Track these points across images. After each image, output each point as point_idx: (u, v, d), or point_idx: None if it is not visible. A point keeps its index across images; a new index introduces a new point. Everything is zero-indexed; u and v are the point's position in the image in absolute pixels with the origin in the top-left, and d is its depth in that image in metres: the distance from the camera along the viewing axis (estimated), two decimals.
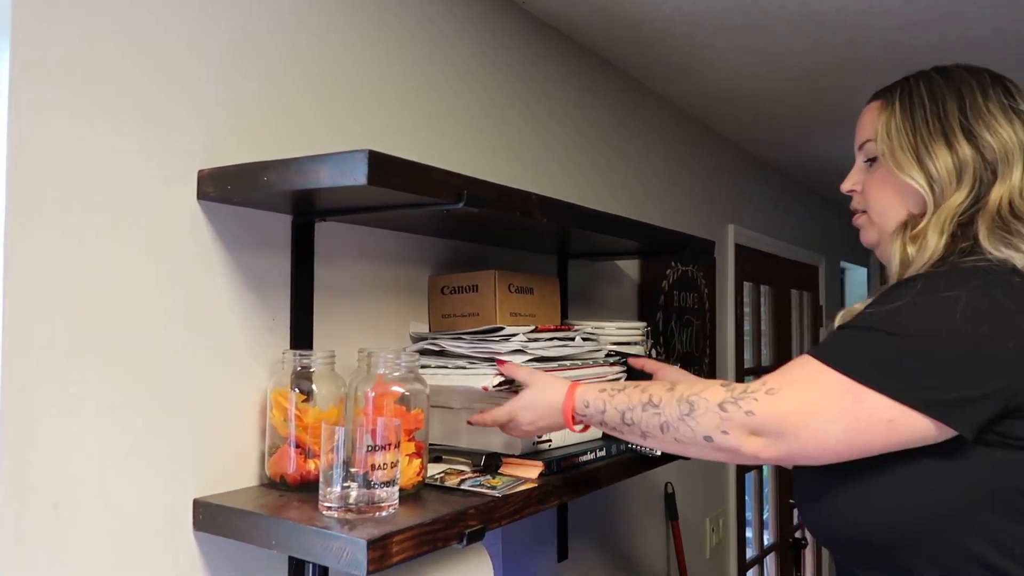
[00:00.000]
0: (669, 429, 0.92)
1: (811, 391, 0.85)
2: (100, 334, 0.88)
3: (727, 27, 1.73)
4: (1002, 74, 1.01)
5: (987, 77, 0.99)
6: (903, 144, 0.97)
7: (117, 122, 0.91)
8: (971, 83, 0.98)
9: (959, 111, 0.96)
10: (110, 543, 0.89)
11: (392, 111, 1.29)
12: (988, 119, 0.95)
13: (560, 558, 1.69)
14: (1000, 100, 0.96)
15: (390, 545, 0.83)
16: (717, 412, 0.89)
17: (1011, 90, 0.98)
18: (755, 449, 0.87)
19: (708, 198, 2.53)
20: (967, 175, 0.93)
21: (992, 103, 0.96)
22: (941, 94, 0.98)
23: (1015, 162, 0.93)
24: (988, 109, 0.95)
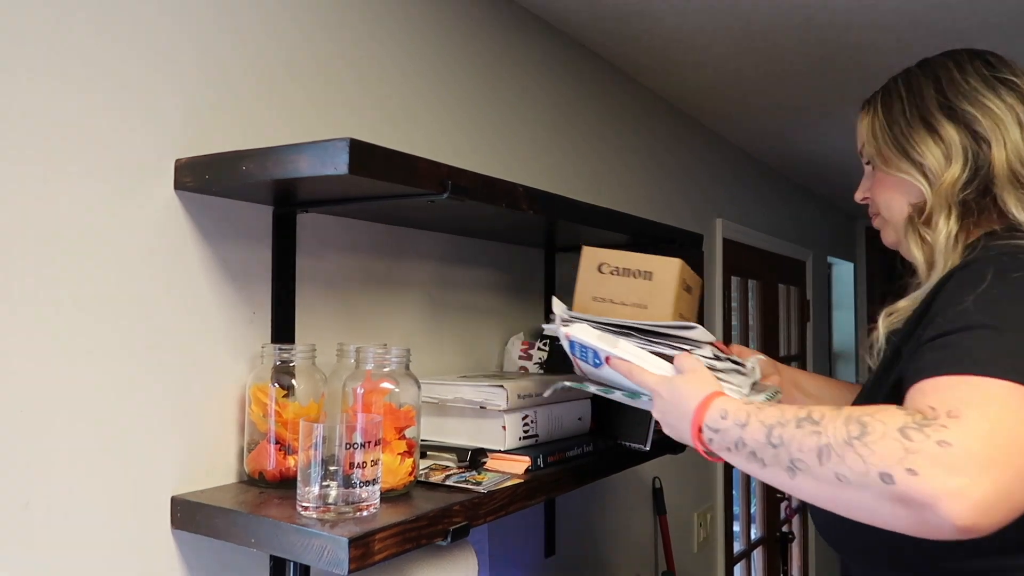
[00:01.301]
0: (830, 457, 0.69)
1: (991, 406, 0.67)
2: (72, 329, 0.86)
3: (714, 20, 1.72)
4: (984, 49, 0.99)
5: (965, 54, 0.97)
6: (886, 140, 0.97)
7: (91, 106, 0.88)
8: (947, 64, 0.97)
9: (936, 93, 0.95)
10: (84, 543, 0.87)
11: (381, 102, 1.27)
12: (969, 92, 0.93)
13: (547, 554, 1.68)
14: (980, 72, 0.94)
15: (372, 543, 0.82)
16: (899, 440, 0.66)
17: (991, 61, 0.96)
18: (959, 492, 0.63)
19: (696, 192, 2.52)
20: (955, 152, 0.90)
21: (971, 76, 0.94)
22: (917, 83, 0.98)
23: (1009, 124, 0.90)
24: (968, 83, 0.94)
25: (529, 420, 1.19)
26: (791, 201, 3.57)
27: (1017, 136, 0.90)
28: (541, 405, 1.22)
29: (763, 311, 3.28)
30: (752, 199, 3.06)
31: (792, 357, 3.61)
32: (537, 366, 1.48)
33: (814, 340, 3.85)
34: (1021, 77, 0.94)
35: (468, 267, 1.46)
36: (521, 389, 1.17)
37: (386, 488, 0.93)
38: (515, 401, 1.15)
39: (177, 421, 0.96)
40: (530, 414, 1.19)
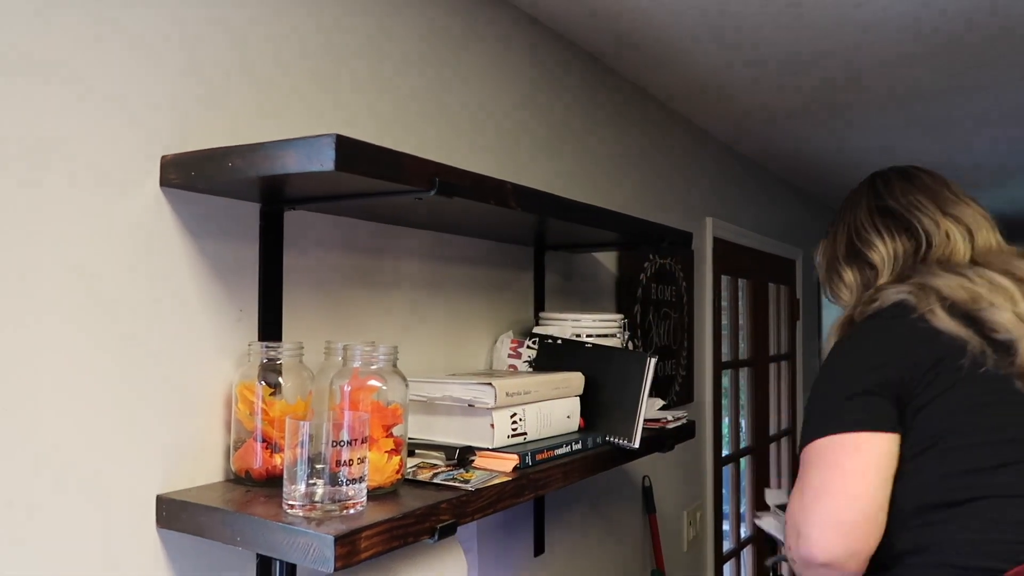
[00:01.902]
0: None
1: (811, 470, 1.12)
2: (57, 326, 0.85)
3: (704, 19, 1.72)
4: (883, 172, 1.36)
5: (867, 186, 1.37)
6: (824, 279, 1.43)
7: (74, 102, 0.87)
8: (856, 201, 1.36)
9: (846, 236, 1.36)
10: (69, 541, 0.86)
11: (371, 100, 1.26)
12: (862, 234, 1.31)
13: (536, 552, 1.68)
14: (869, 206, 1.32)
15: (358, 541, 0.81)
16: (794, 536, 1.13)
17: (878, 187, 1.33)
18: (803, 548, 1.09)
19: (686, 191, 2.53)
20: (859, 289, 1.34)
21: (863, 213, 1.33)
22: (837, 224, 1.39)
23: (884, 266, 1.29)
24: (862, 223, 1.32)
25: (518, 418, 1.19)
26: (781, 200, 3.58)
27: (888, 270, 1.30)
28: (530, 403, 1.21)
29: (753, 310, 3.29)
30: (742, 198, 3.06)
31: (782, 356, 3.62)
32: (526, 364, 1.48)
33: (804, 339, 3.86)
34: (896, 199, 1.30)
35: (458, 265, 1.46)
36: (509, 387, 1.17)
37: (373, 486, 0.92)
38: (503, 399, 1.15)
39: (163, 420, 0.95)
40: (518, 412, 1.19)
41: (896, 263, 1.26)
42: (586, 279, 1.91)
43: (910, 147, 2.91)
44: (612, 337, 1.54)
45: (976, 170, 3.31)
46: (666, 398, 2.26)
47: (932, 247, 1.24)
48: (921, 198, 1.27)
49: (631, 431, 1.31)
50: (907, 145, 2.88)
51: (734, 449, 3.15)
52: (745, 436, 3.32)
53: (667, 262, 2.29)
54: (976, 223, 1.25)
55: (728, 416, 3.11)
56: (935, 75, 2.10)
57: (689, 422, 1.63)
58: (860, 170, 3.41)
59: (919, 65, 2.02)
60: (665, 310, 2.27)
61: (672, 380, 2.32)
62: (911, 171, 1.33)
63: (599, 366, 1.38)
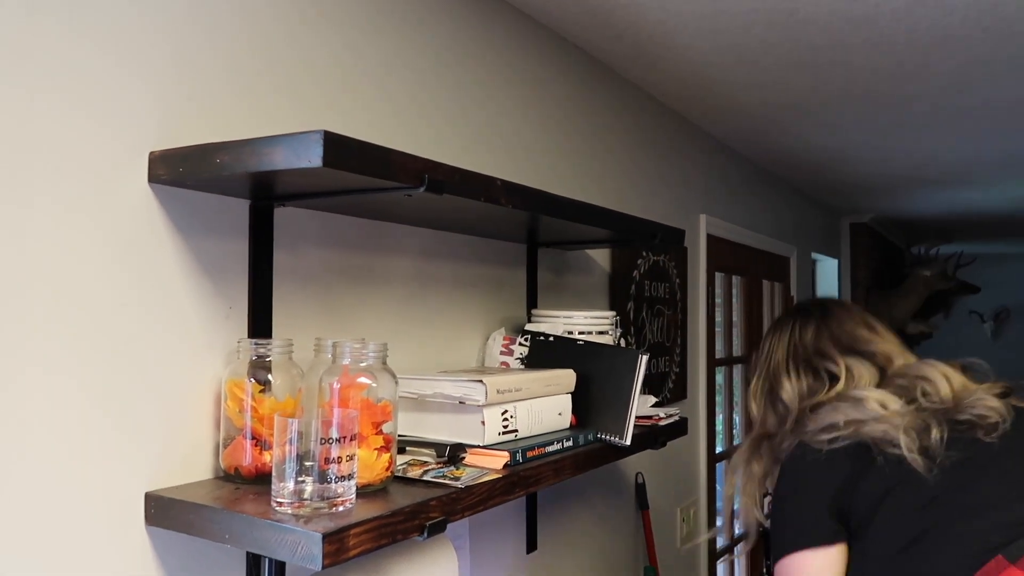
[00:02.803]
0: None
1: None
2: (44, 323, 0.85)
3: (698, 13, 1.72)
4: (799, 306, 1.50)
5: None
6: None
7: (61, 99, 0.87)
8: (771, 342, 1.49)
9: None
10: (56, 538, 0.86)
11: (362, 96, 1.26)
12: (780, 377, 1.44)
13: (529, 549, 1.68)
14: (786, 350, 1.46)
15: (347, 538, 0.81)
16: None
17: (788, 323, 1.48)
18: None
19: (680, 188, 2.52)
20: None
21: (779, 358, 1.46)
22: None
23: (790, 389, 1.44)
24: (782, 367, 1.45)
25: (509, 415, 1.19)
26: (776, 197, 3.58)
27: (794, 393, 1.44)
28: (521, 400, 1.21)
29: (747, 307, 3.29)
30: (737, 195, 3.06)
31: None
32: (519, 361, 1.48)
33: None
34: None
35: (449, 262, 1.45)
36: (500, 384, 1.17)
37: (363, 483, 0.92)
38: (494, 396, 1.15)
39: (152, 417, 0.95)
40: (509, 409, 1.19)
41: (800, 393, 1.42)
42: (579, 276, 1.91)
43: (903, 144, 2.91)
44: (604, 334, 1.54)
45: (970, 167, 3.32)
46: (659, 395, 2.26)
47: None
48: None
49: (623, 428, 1.31)
50: (900, 143, 2.89)
51: (727, 446, 3.15)
52: (738, 433, 3.32)
53: (660, 259, 2.29)
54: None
55: (721, 413, 3.11)
56: (929, 72, 2.10)
57: (681, 419, 1.63)
58: (854, 167, 3.43)
59: (913, 61, 2.02)
60: (658, 307, 2.27)
61: (665, 377, 2.32)
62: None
63: (591, 363, 1.37)
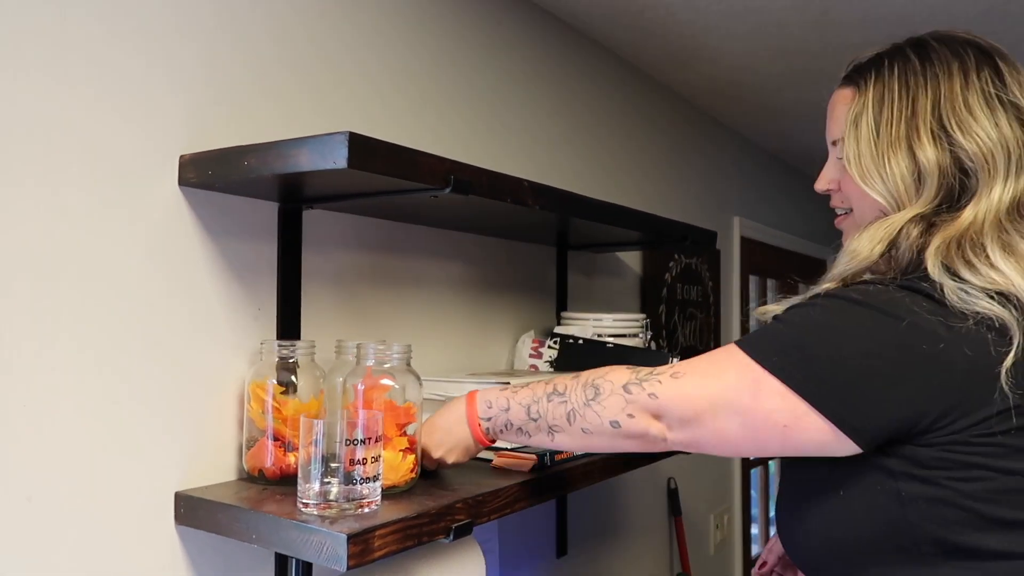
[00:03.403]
0: (576, 418, 0.88)
1: (714, 377, 0.83)
2: (76, 324, 0.86)
3: (729, 13, 1.70)
4: (993, 47, 0.89)
5: (972, 58, 0.87)
6: (865, 152, 0.91)
7: (93, 104, 0.88)
8: (952, 69, 0.87)
9: (932, 107, 0.86)
10: (88, 537, 0.87)
11: (389, 99, 1.26)
12: (965, 117, 0.84)
13: (559, 554, 1.67)
14: (985, 90, 0.85)
15: (372, 539, 0.81)
16: (622, 395, 0.86)
17: (1002, 71, 0.86)
18: (661, 433, 0.85)
19: (713, 190, 2.50)
20: (926, 186, 0.84)
21: (974, 94, 0.85)
22: (914, 86, 0.88)
23: (996, 170, 0.82)
24: (967, 103, 0.85)
25: None
26: (810, 198, 3.52)
27: (999, 190, 0.82)
28: None
29: None
30: (770, 197, 3.02)
31: None
32: (547, 364, 1.47)
33: None
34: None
35: (478, 265, 1.45)
36: None
37: (388, 485, 0.92)
38: None
39: (182, 417, 0.96)
40: None
41: (1017, 183, 0.83)
42: (610, 279, 1.89)
43: None
44: (634, 337, 1.53)
45: None
46: None
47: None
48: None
49: None
50: None
51: None
52: None
53: (693, 262, 2.26)
54: None
55: None
56: None
57: None
58: None
59: None
60: (691, 310, 2.25)
61: None
62: None
63: (608, 360, 1.35)
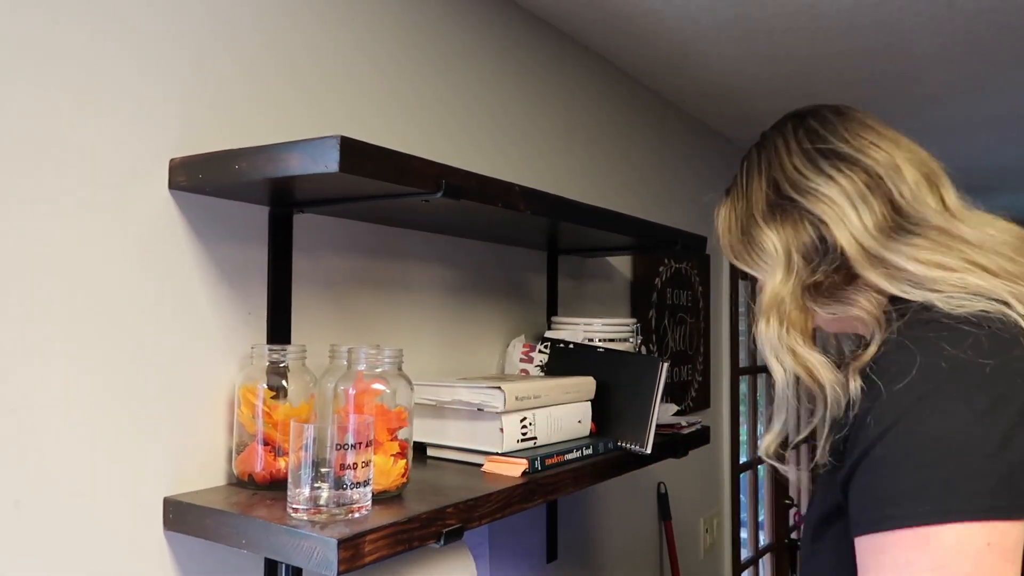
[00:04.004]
0: None
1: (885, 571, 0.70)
2: (65, 328, 0.85)
3: (718, 19, 1.71)
4: (810, 108, 0.98)
5: (790, 126, 0.96)
6: (734, 244, 0.99)
7: (84, 106, 0.88)
8: (776, 144, 0.96)
9: (767, 187, 0.94)
10: (77, 542, 0.86)
11: (380, 100, 1.26)
12: (796, 179, 0.91)
13: (549, 559, 1.67)
14: (803, 148, 0.92)
15: (362, 544, 0.81)
16: None
17: (814, 127, 0.93)
18: None
19: (702, 194, 2.50)
20: (778, 259, 0.89)
21: (795, 156, 0.92)
22: (751, 175, 0.98)
23: (842, 204, 0.86)
24: (793, 167, 0.92)
25: (527, 422, 1.18)
26: None
27: (853, 216, 0.85)
28: (540, 407, 1.21)
29: None
30: None
31: None
32: (539, 368, 1.47)
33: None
34: (846, 140, 0.90)
35: (469, 269, 1.45)
36: (519, 391, 1.16)
37: (379, 490, 0.92)
38: (513, 403, 1.14)
39: (171, 421, 0.95)
40: (528, 416, 1.18)
41: (868, 208, 0.86)
42: (600, 283, 1.90)
43: (927, 151, 2.87)
44: (625, 341, 1.53)
45: (998, 174, 3.26)
46: (682, 404, 2.24)
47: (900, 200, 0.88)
48: (871, 136, 0.93)
49: (644, 437, 1.30)
50: (924, 147, 2.84)
51: (752, 456, 3.11)
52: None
53: (683, 266, 2.27)
54: (936, 171, 0.96)
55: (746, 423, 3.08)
56: (952, 76, 2.07)
57: (703, 428, 1.61)
58: None
59: (936, 67, 1.99)
60: (681, 315, 2.25)
61: (688, 386, 2.30)
62: (843, 107, 0.97)
63: (612, 371, 1.36)
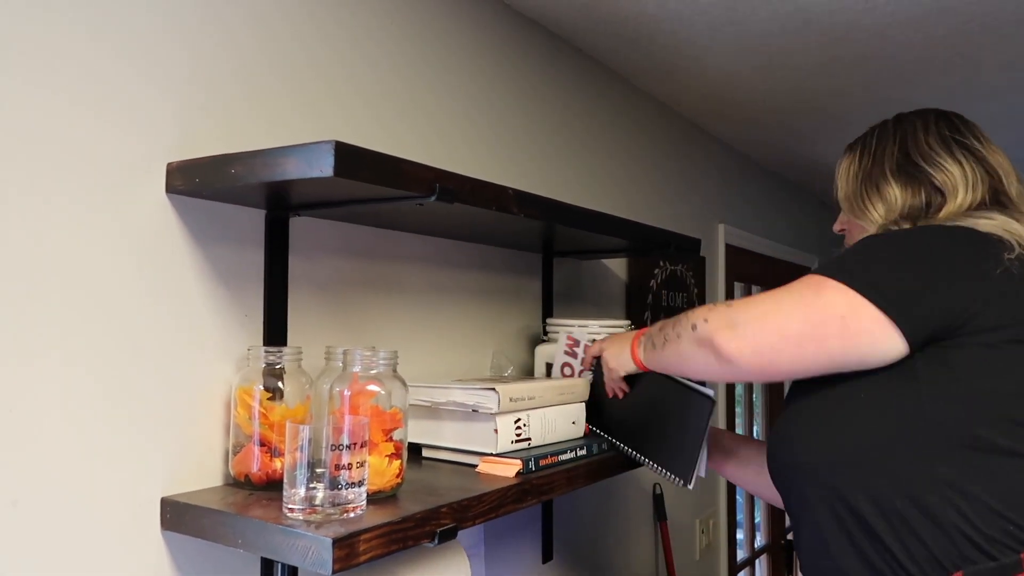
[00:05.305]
0: (677, 326, 1.09)
1: (784, 289, 1.00)
2: (63, 330, 0.86)
3: (712, 24, 1.72)
4: (950, 111, 1.15)
5: (932, 115, 1.14)
6: (851, 193, 1.16)
7: (82, 110, 0.89)
8: (915, 123, 1.13)
9: (898, 151, 1.12)
10: (74, 542, 0.87)
11: (376, 104, 1.27)
12: (928, 153, 1.09)
13: (545, 559, 1.68)
14: (941, 133, 1.10)
15: (357, 544, 0.82)
16: (706, 306, 1.05)
17: (955, 123, 1.11)
18: (726, 338, 0.98)
19: (697, 197, 2.52)
20: (896, 211, 1.09)
21: (932, 137, 1.10)
22: (883, 140, 1.15)
23: (959, 182, 1.05)
24: (928, 144, 1.10)
25: (522, 423, 1.19)
26: (795, 206, 3.56)
27: (963, 194, 1.05)
28: (534, 408, 1.22)
29: None
30: (755, 204, 3.05)
31: None
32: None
33: None
34: (978, 141, 1.10)
35: (464, 271, 1.46)
36: (513, 392, 1.17)
37: (374, 490, 0.93)
38: (507, 404, 1.15)
39: (169, 422, 0.96)
40: (523, 417, 1.19)
41: (975, 193, 1.05)
42: (595, 286, 1.91)
43: None
44: None
45: None
46: None
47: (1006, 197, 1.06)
48: (995, 147, 1.11)
49: (689, 473, 1.24)
50: None
51: None
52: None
53: (678, 269, 2.28)
54: None
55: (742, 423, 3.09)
56: (946, 79, 2.08)
57: None
58: None
59: (927, 71, 2.00)
60: None
61: None
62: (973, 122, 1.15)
63: (661, 393, 1.29)
